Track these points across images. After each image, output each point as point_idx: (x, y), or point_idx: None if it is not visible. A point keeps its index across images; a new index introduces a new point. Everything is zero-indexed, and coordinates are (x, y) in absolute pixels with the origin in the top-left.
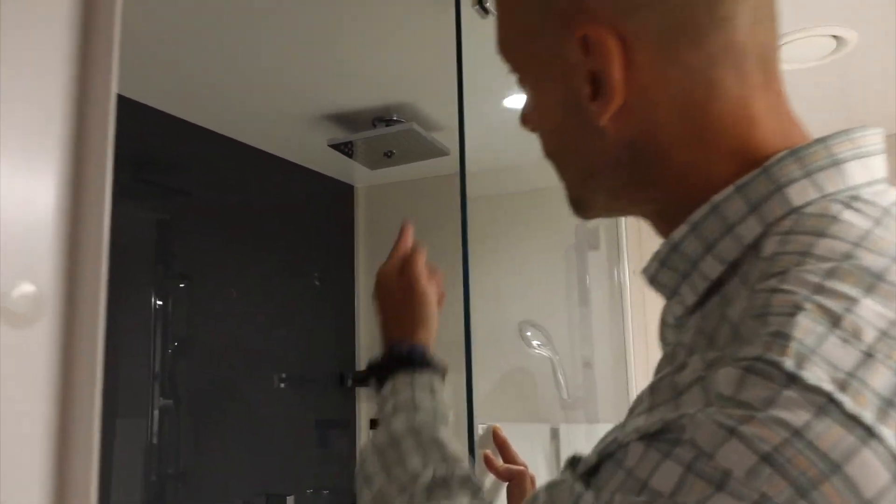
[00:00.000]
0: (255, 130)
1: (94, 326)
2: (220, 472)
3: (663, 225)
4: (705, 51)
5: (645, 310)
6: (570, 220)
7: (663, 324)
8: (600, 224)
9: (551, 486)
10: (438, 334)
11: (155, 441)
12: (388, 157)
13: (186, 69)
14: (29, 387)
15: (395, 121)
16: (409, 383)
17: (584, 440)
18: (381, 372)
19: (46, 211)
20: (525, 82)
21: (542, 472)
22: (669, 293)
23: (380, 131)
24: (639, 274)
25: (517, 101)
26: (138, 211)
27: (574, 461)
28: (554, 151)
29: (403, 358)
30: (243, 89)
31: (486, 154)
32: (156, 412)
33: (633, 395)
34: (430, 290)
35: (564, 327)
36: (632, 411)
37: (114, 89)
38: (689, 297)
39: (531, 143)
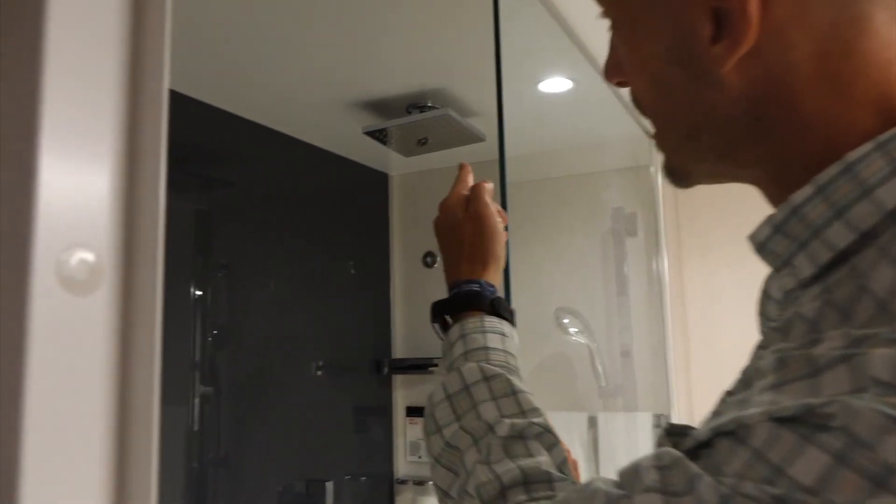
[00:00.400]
0: (290, 119)
1: (153, 296)
2: (259, 459)
3: (777, 188)
4: None
5: (684, 300)
6: (605, 205)
7: (766, 297)
8: (638, 210)
9: (659, 461)
10: None
11: (196, 428)
12: (421, 144)
13: (223, 58)
14: (89, 356)
15: (430, 107)
16: (480, 327)
17: (622, 428)
18: (448, 311)
19: (103, 177)
20: (620, 26)
21: (580, 460)
22: (780, 263)
23: (414, 118)
24: (747, 239)
25: (552, 85)
26: (177, 201)
27: (673, 431)
28: (652, 108)
29: (472, 298)
30: (279, 77)
31: (521, 139)
32: (196, 400)
33: (673, 384)
34: (499, 225)
35: (602, 315)
36: (746, 383)
37: (167, 59)
38: (807, 268)
39: (565, 128)
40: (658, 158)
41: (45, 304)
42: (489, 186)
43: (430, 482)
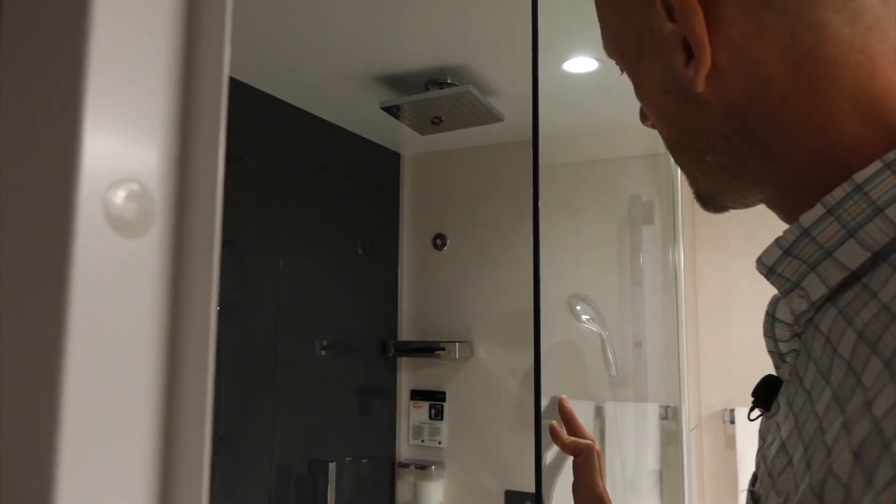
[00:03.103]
0: (303, 92)
1: (210, 241)
2: (261, 437)
3: (787, 207)
4: None
5: (697, 293)
6: (623, 192)
7: (773, 319)
8: (655, 199)
9: None
10: (510, 305)
11: None
12: (435, 123)
13: (236, 28)
14: (139, 307)
15: (450, 84)
16: None
17: (631, 419)
18: None
19: (154, 112)
20: (631, 73)
21: None
22: (790, 287)
23: (434, 94)
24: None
25: (578, 65)
26: None
27: None
28: (665, 139)
29: None
30: (294, 48)
31: (541, 121)
32: None
33: (684, 376)
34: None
35: (615, 303)
36: (800, 429)
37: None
38: (817, 290)
39: (587, 111)
40: None
41: (92, 246)
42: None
43: (432, 466)
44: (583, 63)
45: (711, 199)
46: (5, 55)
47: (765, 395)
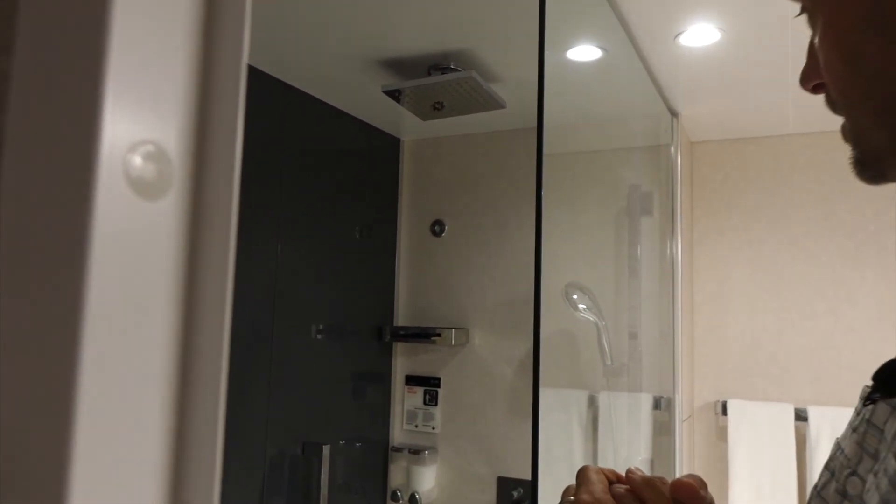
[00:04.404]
0: (304, 73)
1: (229, 203)
2: (256, 419)
3: None
4: None
5: (693, 285)
6: (622, 182)
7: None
8: (655, 190)
9: None
10: (507, 293)
11: None
12: (437, 108)
13: None
14: (157, 269)
15: (452, 69)
16: None
17: (624, 408)
18: None
19: (175, 77)
20: (816, 7)
21: (578, 438)
22: None
23: (436, 79)
24: None
25: (581, 53)
26: None
27: None
28: (846, 90)
29: None
30: (296, 29)
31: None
32: None
33: (679, 368)
34: None
35: (611, 293)
36: None
37: None
38: None
39: (589, 100)
40: (680, 135)
41: (112, 206)
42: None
43: (425, 451)
44: (587, 51)
45: (876, 163)
46: (28, 15)
47: (890, 379)
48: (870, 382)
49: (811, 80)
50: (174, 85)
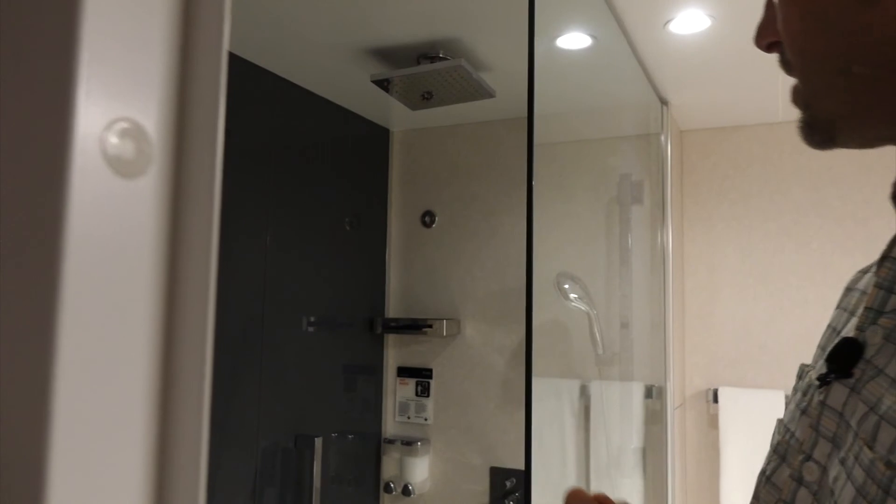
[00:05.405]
0: (293, 64)
1: (211, 183)
2: (248, 412)
3: None
4: None
5: (683, 273)
6: (613, 171)
7: (892, 260)
8: (645, 179)
9: None
10: (498, 283)
11: None
12: (426, 98)
13: None
14: (141, 245)
15: (441, 58)
16: None
17: (616, 397)
18: None
19: (153, 53)
20: None
21: (570, 427)
22: None
23: (425, 68)
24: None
25: (571, 41)
26: None
27: None
28: (802, 49)
29: None
30: (284, 17)
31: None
32: None
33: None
34: None
35: (602, 282)
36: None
37: None
38: None
39: (579, 89)
40: (670, 124)
41: (89, 184)
42: None
43: (418, 442)
44: (576, 39)
45: (827, 127)
46: None
47: (844, 359)
48: (807, 361)
49: (766, 37)
50: (152, 62)
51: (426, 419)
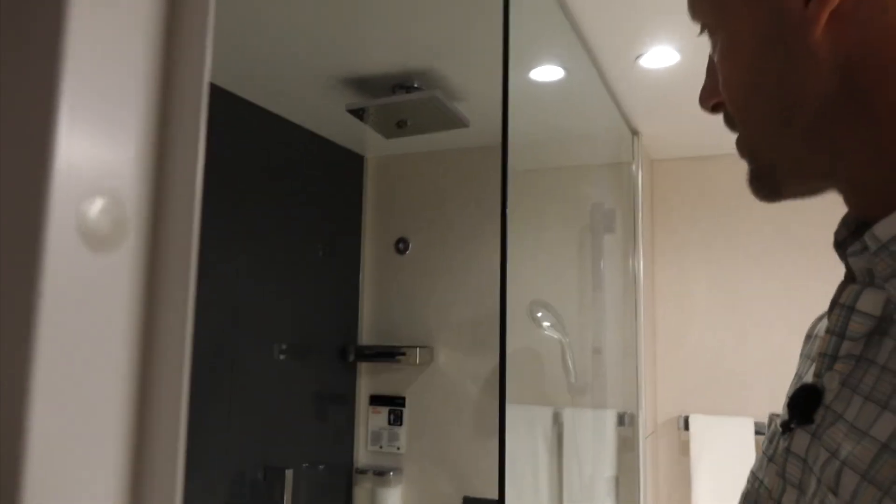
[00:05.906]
0: (267, 91)
1: (187, 251)
2: (217, 443)
3: (872, 183)
4: None
5: (654, 301)
6: (585, 200)
7: (850, 311)
8: (617, 207)
9: None
10: (471, 311)
11: None
12: (400, 126)
13: None
14: (114, 321)
15: (416, 88)
16: None
17: (589, 425)
18: None
19: (130, 124)
20: (722, 24)
21: (542, 456)
22: (869, 279)
23: (400, 97)
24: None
25: (544, 73)
26: None
27: None
28: (744, 104)
29: None
30: (259, 47)
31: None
32: None
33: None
34: None
35: (575, 310)
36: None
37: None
38: None
39: (552, 119)
40: (641, 154)
41: (63, 261)
42: None
43: (391, 472)
44: (550, 71)
45: (771, 180)
46: None
47: (805, 406)
48: (774, 387)
49: (710, 99)
50: (130, 133)
51: (399, 448)
